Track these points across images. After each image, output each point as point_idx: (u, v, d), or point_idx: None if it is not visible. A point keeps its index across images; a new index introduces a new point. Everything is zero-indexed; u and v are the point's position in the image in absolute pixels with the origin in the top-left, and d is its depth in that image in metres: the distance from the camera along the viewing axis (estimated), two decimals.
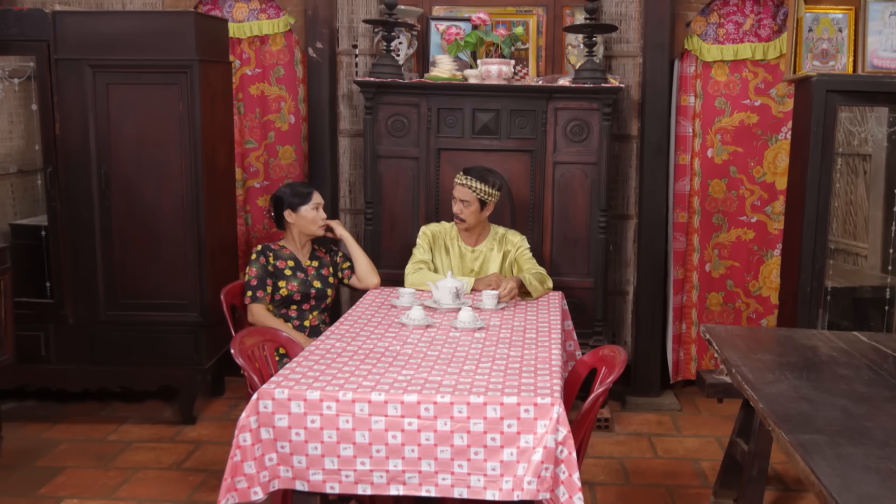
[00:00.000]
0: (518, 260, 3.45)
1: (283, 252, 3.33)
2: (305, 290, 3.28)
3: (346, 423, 2.09)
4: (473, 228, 3.44)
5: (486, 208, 3.41)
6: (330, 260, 3.43)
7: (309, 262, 3.36)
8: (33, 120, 3.90)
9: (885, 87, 3.63)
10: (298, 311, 3.29)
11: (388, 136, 3.87)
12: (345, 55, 4.29)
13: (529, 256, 3.47)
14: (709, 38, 4.13)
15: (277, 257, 3.30)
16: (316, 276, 3.34)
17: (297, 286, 3.27)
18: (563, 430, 2.05)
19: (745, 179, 4.19)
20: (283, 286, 3.25)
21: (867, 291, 4.16)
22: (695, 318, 4.30)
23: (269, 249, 3.31)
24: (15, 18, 3.67)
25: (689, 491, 3.25)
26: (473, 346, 2.56)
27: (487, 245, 3.47)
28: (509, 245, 3.47)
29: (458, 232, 3.49)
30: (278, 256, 3.31)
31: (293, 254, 3.34)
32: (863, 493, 1.55)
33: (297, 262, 3.33)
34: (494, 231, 3.51)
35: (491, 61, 3.80)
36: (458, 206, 3.39)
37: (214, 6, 4.27)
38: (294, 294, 3.26)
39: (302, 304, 3.29)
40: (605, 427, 3.84)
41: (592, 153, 3.82)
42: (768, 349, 2.66)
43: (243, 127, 4.36)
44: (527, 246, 3.50)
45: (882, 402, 2.09)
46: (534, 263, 3.44)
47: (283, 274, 3.27)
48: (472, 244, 3.48)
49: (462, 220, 3.40)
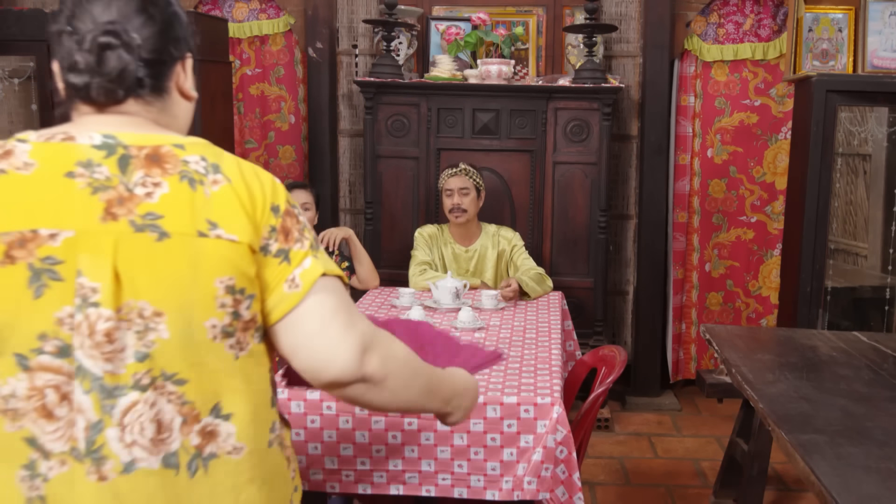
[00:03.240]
0: (514, 260, 3.43)
1: None
2: None
3: (346, 423, 2.10)
4: (469, 224, 3.43)
5: (480, 197, 3.42)
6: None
7: None
8: (33, 120, 3.89)
9: (885, 87, 3.63)
10: None
11: (388, 136, 3.87)
12: (345, 55, 4.29)
13: (526, 256, 3.44)
14: (709, 38, 4.13)
15: None
16: None
17: None
18: (563, 430, 2.05)
19: (745, 179, 4.19)
20: None
21: (867, 291, 4.16)
22: (695, 318, 4.30)
23: None
24: (15, 18, 3.67)
25: (689, 491, 3.25)
26: None
27: (481, 243, 3.46)
28: (504, 242, 3.46)
29: (451, 233, 3.48)
30: None
31: None
32: (863, 493, 1.55)
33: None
34: (486, 229, 3.50)
35: (491, 61, 3.80)
36: (458, 198, 3.36)
37: (214, 6, 4.27)
38: None
39: None
40: (605, 427, 3.83)
41: (592, 153, 3.82)
42: (768, 349, 2.66)
43: (243, 127, 4.36)
44: (521, 243, 3.47)
45: (882, 402, 2.09)
46: (531, 263, 3.42)
47: None
48: (466, 244, 3.47)
49: (463, 210, 3.36)
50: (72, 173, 1.01)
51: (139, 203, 1.00)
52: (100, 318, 0.98)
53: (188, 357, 1.03)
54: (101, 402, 0.99)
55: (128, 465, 1.00)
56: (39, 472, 0.99)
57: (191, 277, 1.01)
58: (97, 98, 1.06)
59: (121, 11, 1.03)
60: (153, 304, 1.00)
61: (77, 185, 1.00)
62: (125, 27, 1.03)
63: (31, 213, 0.99)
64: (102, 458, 0.99)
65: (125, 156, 1.03)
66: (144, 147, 1.04)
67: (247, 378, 1.08)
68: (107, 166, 1.01)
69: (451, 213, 3.39)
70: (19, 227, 0.98)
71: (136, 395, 1.00)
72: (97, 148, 1.03)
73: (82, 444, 0.99)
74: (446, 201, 3.41)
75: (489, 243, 3.45)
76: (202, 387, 1.04)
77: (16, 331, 0.98)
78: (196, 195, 1.02)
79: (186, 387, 1.03)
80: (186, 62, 1.13)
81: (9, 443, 1.00)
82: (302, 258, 1.08)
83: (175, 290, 1.01)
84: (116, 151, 1.03)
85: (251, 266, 1.05)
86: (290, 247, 1.08)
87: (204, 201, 1.03)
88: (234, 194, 1.04)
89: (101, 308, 0.98)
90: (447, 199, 3.40)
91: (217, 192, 1.04)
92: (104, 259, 0.99)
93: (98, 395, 0.99)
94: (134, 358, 1.00)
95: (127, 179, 1.01)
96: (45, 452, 0.99)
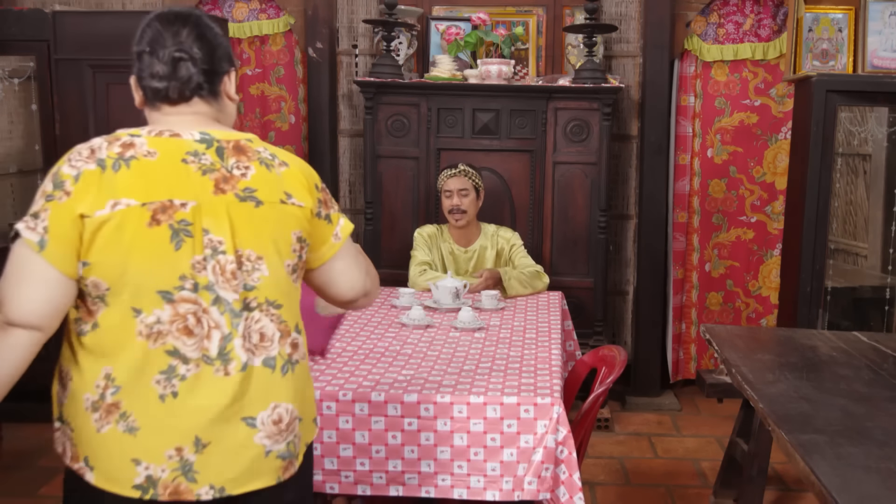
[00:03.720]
0: (513, 259, 3.43)
1: None
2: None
3: (345, 423, 2.09)
4: (468, 225, 3.43)
5: (479, 198, 3.42)
6: None
7: None
8: (33, 120, 3.89)
9: (885, 87, 3.63)
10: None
11: (388, 136, 3.87)
12: (345, 55, 4.29)
13: (524, 254, 3.45)
14: (709, 38, 4.13)
15: None
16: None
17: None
18: (563, 430, 2.05)
19: (745, 179, 4.19)
20: None
21: (867, 291, 4.16)
22: (694, 318, 4.30)
23: None
24: (15, 18, 3.67)
25: (689, 491, 3.25)
26: (473, 346, 2.56)
27: (480, 244, 3.46)
28: (502, 242, 3.46)
29: (451, 233, 3.48)
30: None
31: None
32: (863, 493, 1.55)
33: None
34: (485, 229, 3.50)
35: (491, 61, 3.80)
36: (457, 199, 3.36)
37: (214, 6, 4.27)
38: None
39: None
40: (605, 427, 3.83)
41: (592, 153, 3.82)
42: (768, 349, 2.66)
43: (243, 127, 4.36)
44: (520, 243, 3.47)
45: (882, 402, 2.09)
46: (529, 261, 3.42)
47: None
48: (465, 245, 3.47)
49: (463, 211, 3.36)
50: (185, 160, 1.41)
51: (238, 181, 1.44)
52: (227, 262, 1.41)
53: (280, 288, 1.47)
54: (231, 320, 1.41)
55: (244, 364, 1.42)
56: (178, 373, 1.38)
57: (279, 232, 1.46)
58: (172, 96, 1.46)
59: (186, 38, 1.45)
60: (256, 251, 1.44)
61: (191, 168, 1.41)
62: (190, 47, 1.45)
63: (165, 187, 1.38)
64: (230, 359, 1.41)
65: (220, 147, 1.45)
66: (230, 141, 1.47)
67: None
68: (209, 155, 1.43)
69: (451, 214, 3.39)
70: (160, 197, 1.37)
71: (249, 314, 1.43)
72: (198, 142, 1.44)
73: (214, 351, 1.40)
74: (445, 202, 3.40)
75: (488, 244, 3.45)
76: (291, 311, 1.51)
77: (161, 275, 1.37)
78: (272, 174, 1.47)
79: (282, 310, 1.48)
80: (231, 74, 1.53)
81: (151, 357, 1.37)
82: (338, 218, 1.59)
83: (269, 241, 1.45)
84: (213, 144, 1.45)
85: (309, 224, 1.51)
86: (329, 211, 1.57)
87: (277, 179, 1.47)
88: (296, 174, 1.51)
89: (227, 255, 1.41)
90: (446, 200, 3.40)
91: (285, 172, 1.49)
92: (223, 221, 1.40)
93: (229, 315, 1.41)
94: (247, 289, 1.43)
95: (225, 164, 1.44)
96: (185, 359, 1.38)
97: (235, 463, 1.42)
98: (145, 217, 1.35)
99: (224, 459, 1.41)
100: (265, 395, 1.44)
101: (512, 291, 3.26)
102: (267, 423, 1.44)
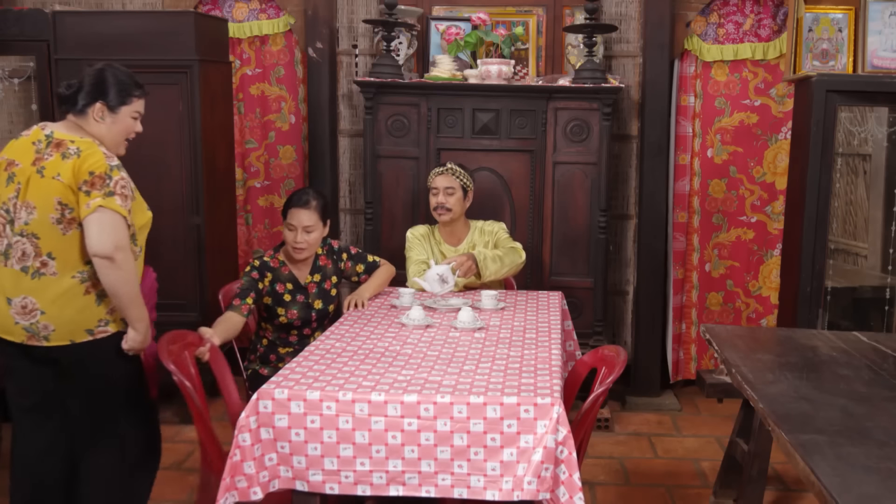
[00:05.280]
0: (497, 245, 3.43)
1: (282, 273, 3.07)
2: (306, 316, 3.08)
3: (345, 423, 2.09)
4: (456, 223, 3.42)
5: (467, 197, 3.42)
6: (333, 268, 3.20)
7: (309, 277, 3.12)
8: (33, 120, 3.89)
9: (885, 87, 3.63)
10: (299, 337, 3.13)
11: (388, 136, 3.87)
12: (345, 55, 4.29)
13: (507, 237, 3.44)
14: (709, 38, 4.13)
15: (276, 279, 3.05)
16: (317, 295, 3.11)
17: (297, 313, 3.06)
18: (563, 430, 2.05)
19: (745, 179, 4.19)
20: (283, 314, 3.05)
21: (867, 291, 4.16)
22: (695, 318, 4.30)
23: (268, 269, 3.05)
24: (15, 18, 3.67)
25: (689, 491, 3.25)
26: (473, 346, 2.56)
27: (469, 242, 3.46)
28: (488, 235, 3.46)
29: (440, 232, 3.48)
30: (277, 278, 3.05)
31: (292, 273, 3.09)
32: (863, 493, 1.55)
33: (296, 283, 3.09)
34: (473, 226, 3.50)
35: (491, 61, 3.80)
36: (442, 197, 3.36)
37: (214, 6, 4.27)
38: (294, 321, 3.08)
39: (303, 329, 3.11)
40: (605, 427, 3.84)
41: (592, 153, 3.82)
42: (768, 349, 2.66)
43: (243, 127, 4.37)
44: (505, 233, 3.46)
45: (882, 402, 2.09)
46: (508, 239, 3.42)
47: (282, 300, 3.05)
48: (455, 243, 3.47)
49: (448, 209, 3.36)
50: (34, 142, 2.37)
51: (43, 161, 2.32)
52: (20, 205, 2.32)
53: (42, 228, 2.30)
54: (11, 238, 2.33)
55: (12, 264, 2.33)
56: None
57: (47, 194, 2.29)
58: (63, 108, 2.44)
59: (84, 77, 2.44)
60: (32, 202, 2.30)
61: (32, 148, 2.36)
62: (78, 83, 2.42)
63: (16, 152, 2.38)
64: (9, 257, 2.33)
65: (50, 141, 2.35)
66: (60, 139, 2.35)
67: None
68: (43, 143, 2.35)
69: (436, 211, 3.40)
70: (11, 157, 2.38)
71: (21, 238, 2.31)
72: (46, 135, 2.37)
73: (2, 250, 2.34)
74: (431, 199, 3.42)
75: (477, 240, 3.46)
76: (47, 242, 2.31)
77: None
78: (62, 162, 2.30)
79: (39, 241, 2.30)
80: (96, 105, 2.39)
81: None
82: (96, 196, 2.26)
83: (41, 198, 2.29)
84: (51, 139, 2.35)
85: (72, 194, 2.28)
86: (92, 189, 2.28)
87: (62, 164, 2.30)
88: (77, 163, 2.30)
89: (19, 200, 2.32)
90: (433, 198, 3.41)
91: (70, 161, 2.30)
92: (24, 180, 2.32)
93: (11, 235, 2.33)
94: (24, 224, 2.31)
95: (46, 150, 2.33)
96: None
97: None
98: (2, 164, 2.38)
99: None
100: (17, 288, 2.32)
101: (487, 272, 3.24)
102: (16, 306, 2.32)
